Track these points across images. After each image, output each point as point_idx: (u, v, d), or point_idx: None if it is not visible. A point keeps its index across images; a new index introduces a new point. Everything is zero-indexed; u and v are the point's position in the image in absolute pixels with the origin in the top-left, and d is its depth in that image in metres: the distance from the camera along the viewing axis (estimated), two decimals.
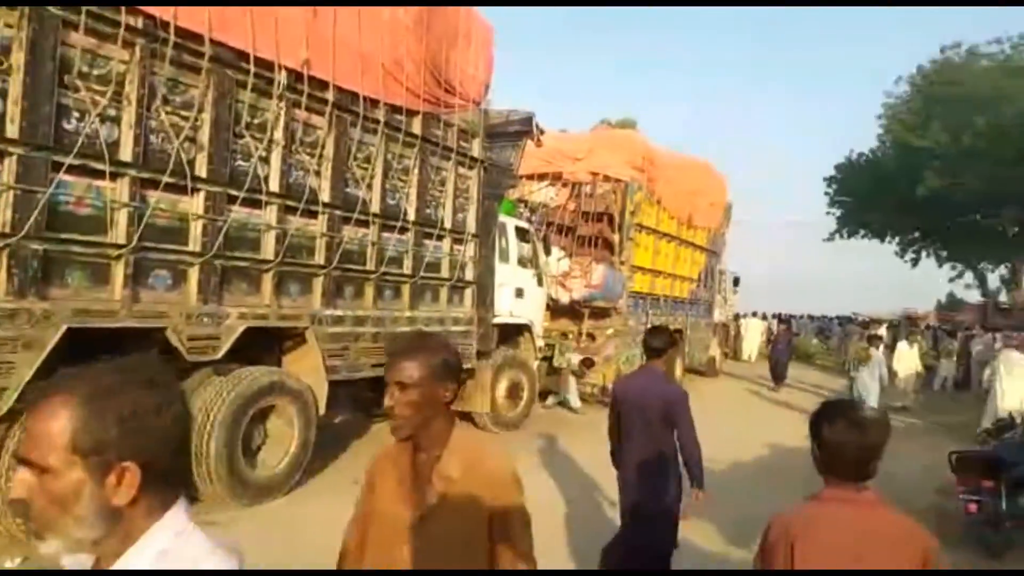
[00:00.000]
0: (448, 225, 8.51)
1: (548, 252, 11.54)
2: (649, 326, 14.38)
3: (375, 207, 7.43)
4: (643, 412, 4.12)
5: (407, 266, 7.91)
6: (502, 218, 10.15)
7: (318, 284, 6.81)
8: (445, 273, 8.54)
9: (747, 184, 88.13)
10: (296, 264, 6.58)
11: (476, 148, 8.94)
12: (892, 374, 14.99)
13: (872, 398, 13.06)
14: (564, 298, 12.39)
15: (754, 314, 28.46)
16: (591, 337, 12.84)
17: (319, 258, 6.80)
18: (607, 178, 12.91)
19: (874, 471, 2.14)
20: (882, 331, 20.49)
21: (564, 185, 13.27)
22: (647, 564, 4.14)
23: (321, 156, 6.77)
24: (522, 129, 10.08)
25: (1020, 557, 6.18)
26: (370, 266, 7.42)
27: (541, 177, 13.38)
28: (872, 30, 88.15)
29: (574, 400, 12.14)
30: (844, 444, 2.11)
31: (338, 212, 6.95)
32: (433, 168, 8.24)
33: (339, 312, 7.02)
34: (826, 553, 2.06)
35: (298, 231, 6.53)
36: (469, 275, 9.00)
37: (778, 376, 17.94)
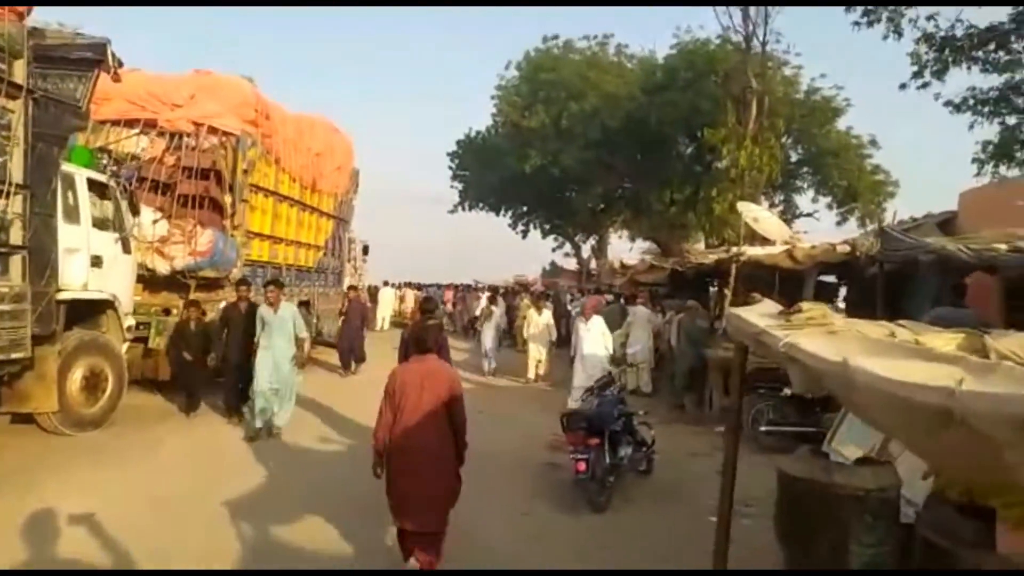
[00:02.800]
0: None
1: (136, 212, 9.59)
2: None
3: None
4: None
5: None
6: (68, 168, 8.09)
7: None
8: None
9: (381, 158, 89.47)
10: None
11: (19, 72, 6.84)
12: (522, 339, 16.23)
13: (490, 342, 15.59)
14: (163, 268, 10.59)
15: (386, 283, 28.71)
16: (200, 311, 11.20)
17: None
18: (214, 130, 11.26)
19: (432, 348, 4.93)
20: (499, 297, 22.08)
21: (160, 135, 11.28)
22: None
23: None
24: (93, 57, 8.10)
25: (618, 509, 6.63)
26: None
27: (130, 124, 11.22)
28: (494, 19, 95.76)
29: None
30: (414, 337, 5.29)
31: None
32: None
33: None
34: (409, 376, 4.66)
35: None
36: (16, 238, 6.94)
37: (351, 356, 14.72)
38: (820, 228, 27.20)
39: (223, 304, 10.42)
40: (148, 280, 10.55)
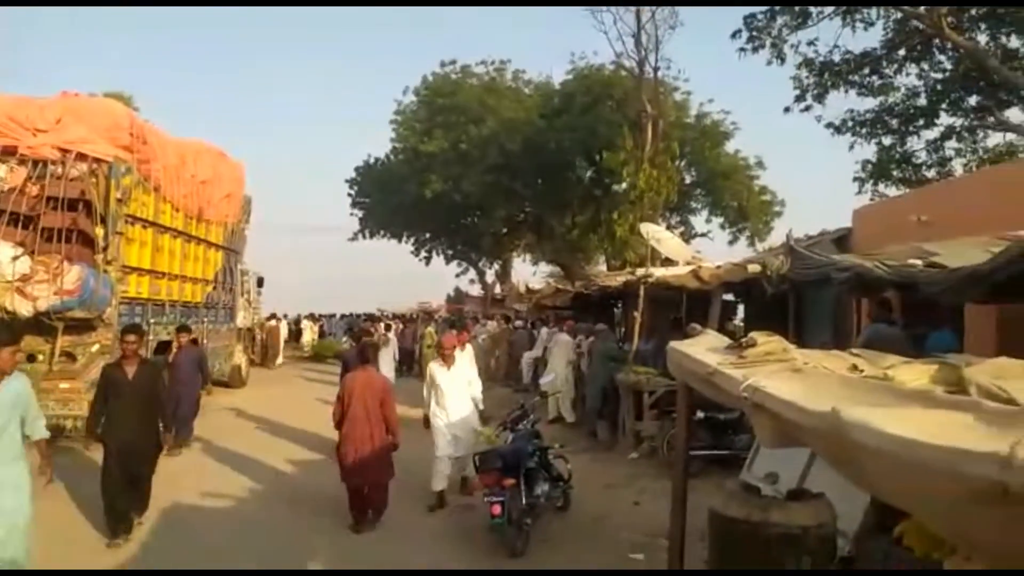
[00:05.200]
0: None
1: None
2: (157, 340, 12.24)
3: None
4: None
5: None
6: None
7: None
8: None
9: (276, 189, 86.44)
10: None
11: None
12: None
13: (384, 370, 13.76)
14: (25, 309, 9.42)
15: (273, 316, 27.44)
16: (69, 357, 10.10)
17: None
18: (83, 156, 10.24)
19: (370, 361, 7.36)
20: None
21: (21, 163, 10.16)
22: None
23: None
24: None
25: (537, 552, 6.23)
26: None
27: None
28: (386, 45, 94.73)
29: None
30: (358, 353, 7.65)
31: None
32: None
33: None
34: (355, 383, 6.80)
35: None
36: None
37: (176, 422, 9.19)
38: (714, 248, 28.18)
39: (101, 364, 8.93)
40: (6, 324, 9.39)
